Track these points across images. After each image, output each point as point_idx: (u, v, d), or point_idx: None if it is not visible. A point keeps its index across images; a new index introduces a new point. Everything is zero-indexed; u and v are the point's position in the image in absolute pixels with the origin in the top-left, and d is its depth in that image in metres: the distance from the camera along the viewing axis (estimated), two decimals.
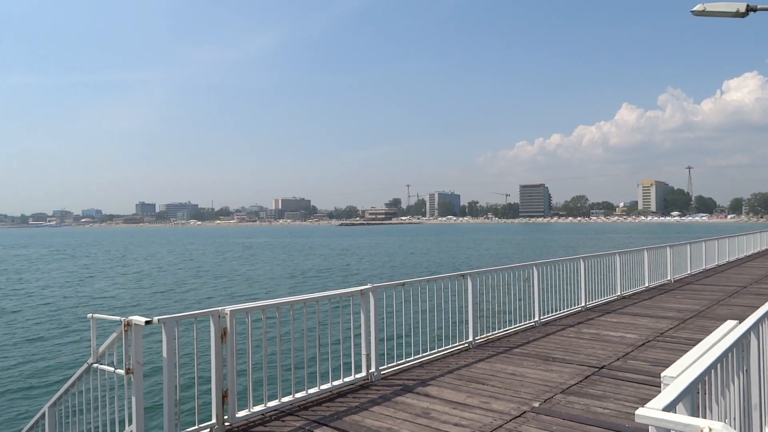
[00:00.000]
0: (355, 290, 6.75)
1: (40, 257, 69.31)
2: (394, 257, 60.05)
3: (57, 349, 18.02)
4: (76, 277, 43.22)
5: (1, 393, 13.48)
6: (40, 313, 25.27)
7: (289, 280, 38.55)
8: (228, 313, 5.27)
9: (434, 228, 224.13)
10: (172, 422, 4.87)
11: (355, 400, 6.03)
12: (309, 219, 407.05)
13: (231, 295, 30.43)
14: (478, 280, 8.76)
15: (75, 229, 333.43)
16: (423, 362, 7.51)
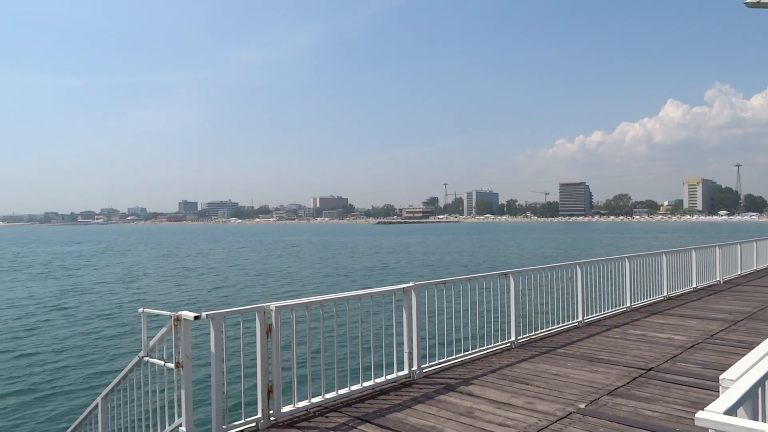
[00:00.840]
0: (397, 288, 6.76)
1: (93, 254, 71.89)
2: (435, 256, 59.90)
3: (110, 343, 18.71)
4: (127, 273, 44.70)
5: (58, 384, 14.07)
6: (94, 308, 26.31)
7: (331, 277, 38.93)
8: (273, 310, 5.35)
9: (472, 227, 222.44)
10: (219, 415, 4.98)
11: (397, 397, 6.04)
12: (346, 217, 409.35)
13: (275, 292, 30.94)
14: (520, 278, 8.66)
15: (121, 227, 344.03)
16: (465, 361, 7.47)
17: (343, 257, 59.31)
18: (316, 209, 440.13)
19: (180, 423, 4.87)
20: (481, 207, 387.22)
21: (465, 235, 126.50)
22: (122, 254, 70.12)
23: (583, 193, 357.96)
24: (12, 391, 13.44)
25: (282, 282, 36.30)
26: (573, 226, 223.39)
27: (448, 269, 43.94)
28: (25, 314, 24.79)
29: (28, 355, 17.16)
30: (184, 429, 4.81)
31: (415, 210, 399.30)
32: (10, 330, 21.15)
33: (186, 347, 4.82)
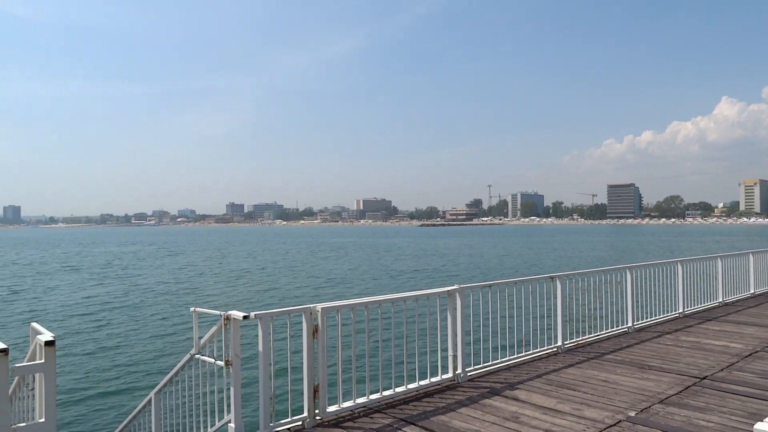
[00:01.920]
0: (442, 291, 6.75)
1: (149, 254, 74.43)
2: (479, 258, 59.36)
3: (165, 340, 19.37)
4: (181, 273, 46.11)
5: (115, 379, 14.63)
6: (150, 306, 27.35)
7: (377, 279, 39.14)
8: (319, 311, 5.43)
9: (517, 229, 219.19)
10: (267, 413, 5.09)
11: (441, 400, 6.03)
12: (390, 219, 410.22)
13: (322, 293, 31.33)
14: (567, 282, 8.51)
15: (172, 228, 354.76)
16: (510, 365, 7.39)
17: (388, 259, 59.47)
18: (359, 211, 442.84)
19: (229, 420, 5.00)
20: (526, 209, 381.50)
21: (510, 237, 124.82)
22: (176, 255, 72.34)
23: (632, 195, 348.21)
24: (74, 385, 14.05)
25: (329, 283, 36.70)
26: (622, 228, 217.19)
27: (492, 272, 43.48)
28: (87, 312, 25.88)
29: (90, 351, 17.89)
30: (233, 426, 4.93)
31: (458, 212, 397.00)
32: (73, 327, 22.13)
33: (235, 346, 4.94)
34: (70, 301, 29.55)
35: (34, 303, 29.33)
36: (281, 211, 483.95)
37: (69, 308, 27.13)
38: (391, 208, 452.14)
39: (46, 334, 3.79)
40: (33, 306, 28.27)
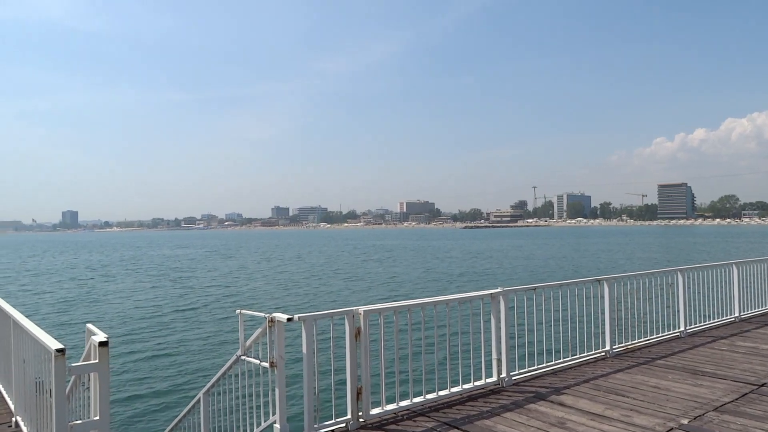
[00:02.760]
0: (485, 293, 6.69)
1: (200, 257, 76.54)
2: (524, 261, 58.50)
3: (213, 340, 19.89)
4: (231, 275, 47.23)
5: (165, 379, 15.07)
6: (201, 307, 28.14)
7: (419, 281, 39.08)
8: (362, 313, 5.46)
9: (563, 230, 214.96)
10: (311, 415, 5.14)
11: (486, 404, 5.97)
12: (433, 222, 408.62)
13: (366, 296, 31.52)
14: (615, 285, 8.29)
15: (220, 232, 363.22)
16: (556, 370, 7.25)
17: (431, 262, 59.27)
18: (402, 214, 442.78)
19: (274, 420, 5.08)
20: (573, 210, 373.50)
21: (556, 239, 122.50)
22: (227, 258, 74.04)
23: (684, 195, 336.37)
24: (127, 384, 14.54)
25: (372, 286, 36.85)
26: (673, 229, 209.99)
27: (537, 274, 42.77)
28: (140, 313, 26.77)
29: (142, 352, 18.49)
30: (278, 426, 5.00)
31: (502, 214, 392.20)
32: (126, 328, 22.91)
33: (279, 348, 5.02)
34: (125, 303, 30.65)
35: (91, 304, 30.52)
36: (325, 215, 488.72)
37: (123, 310, 28.13)
38: (434, 211, 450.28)
39: (100, 335, 3.94)
40: (89, 307, 29.41)
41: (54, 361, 3.74)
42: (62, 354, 3.77)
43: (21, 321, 5.18)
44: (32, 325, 4.86)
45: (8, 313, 5.91)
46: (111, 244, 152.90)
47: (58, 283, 43.77)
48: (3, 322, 6.40)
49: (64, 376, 3.76)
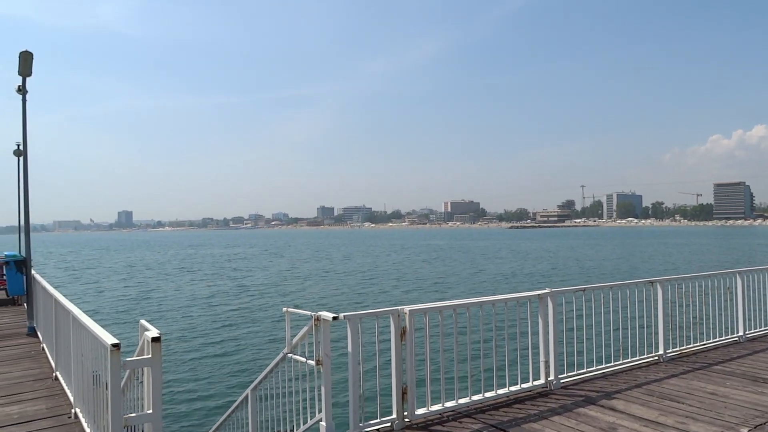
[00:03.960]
0: (532, 294, 6.56)
1: (251, 256, 78.24)
2: (572, 261, 57.25)
3: (261, 338, 20.29)
4: (281, 274, 48.12)
5: (215, 375, 15.45)
6: (250, 305, 28.74)
7: (464, 282, 38.79)
8: (407, 313, 5.44)
9: (613, 231, 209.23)
10: (356, 414, 5.16)
11: (533, 407, 5.86)
12: (478, 222, 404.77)
13: (412, 295, 31.53)
14: (669, 287, 8.00)
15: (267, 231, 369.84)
16: (607, 373, 7.05)
17: (477, 262, 58.72)
18: (447, 213, 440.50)
19: (320, 418, 5.12)
20: (623, 210, 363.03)
21: (605, 240, 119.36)
22: (278, 257, 75.37)
23: (742, 194, 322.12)
24: (179, 379, 14.96)
25: (417, 285, 36.78)
26: (731, 230, 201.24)
27: (587, 275, 41.78)
28: (192, 310, 27.53)
29: (194, 347, 19.00)
30: (324, 424, 5.04)
31: (549, 213, 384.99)
32: (180, 324, 23.60)
33: (325, 346, 5.05)
34: (178, 300, 31.57)
35: (146, 301, 31.56)
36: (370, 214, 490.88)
37: (177, 307, 28.97)
38: (480, 210, 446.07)
39: (153, 330, 4.06)
40: (144, 303, 30.42)
41: (110, 356, 3.88)
42: (117, 349, 3.90)
43: (80, 317, 5.39)
44: (90, 320, 5.05)
45: (68, 309, 6.17)
46: (165, 243, 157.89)
47: (117, 281, 45.45)
48: (63, 318, 6.68)
49: (119, 370, 3.89)
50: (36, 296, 10.79)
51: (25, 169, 11.59)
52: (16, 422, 5.94)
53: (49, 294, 8.27)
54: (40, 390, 7.11)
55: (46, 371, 7.97)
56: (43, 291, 9.36)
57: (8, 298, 15.04)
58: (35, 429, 5.73)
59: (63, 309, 6.66)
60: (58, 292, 7.78)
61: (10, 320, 12.42)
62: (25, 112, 11.34)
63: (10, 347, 9.73)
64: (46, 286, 9.12)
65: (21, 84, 11.07)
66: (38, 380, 7.57)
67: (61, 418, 6.05)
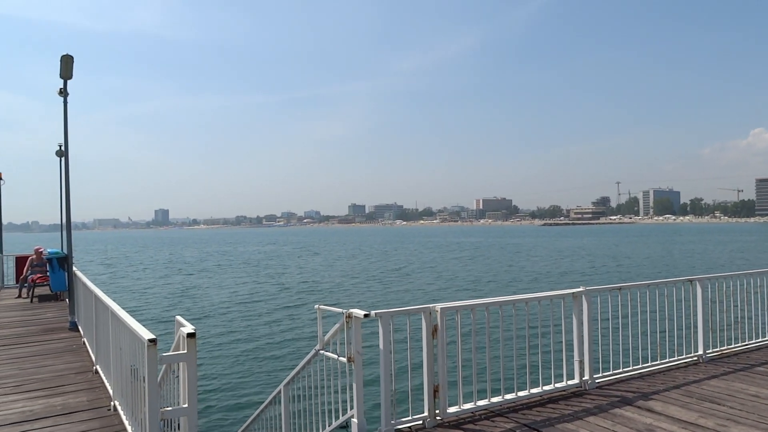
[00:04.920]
0: (566, 293, 6.46)
1: (286, 253, 79.24)
2: (608, 259, 56.20)
3: (294, 334, 20.53)
4: (316, 271, 48.52)
5: (249, 370, 15.68)
6: (284, 302, 29.13)
7: (497, 279, 38.48)
8: (439, 311, 5.42)
9: (650, 228, 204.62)
10: (388, 411, 5.16)
11: (567, 407, 5.77)
12: (510, 219, 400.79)
13: (443, 293, 31.45)
14: (709, 286, 7.78)
15: (299, 229, 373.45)
16: (643, 374, 6.90)
17: (509, 259, 58.17)
18: (478, 211, 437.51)
19: (352, 414, 5.14)
20: (660, 206, 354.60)
21: (642, 237, 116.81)
22: (312, 254, 76.08)
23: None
24: (213, 374, 15.23)
25: (449, 283, 36.65)
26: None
27: (622, 274, 40.96)
28: (227, 306, 28.00)
29: (228, 343, 19.32)
30: (356, 421, 5.06)
31: (583, 210, 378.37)
32: (216, 320, 24.03)
33: (357, 343, 5.07)
34: (214, 296, 32.14)
35: (182, 297, 32.21)
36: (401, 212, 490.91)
37: (212, 303, 29.49)
38: (512, 207, 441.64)
39: (188, 326, 4.14)
40: (181, 299, 31.05)
41: (146, 351, 3.97)
42: (154, 344, 3.99)
43: (118, 312, 5.53)
44: (128, 316, 5.18)
45: (107, 305, 6.33)
46: (201, 240, 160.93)
47: (155, 277, 46.51)
48: (103, 314, 6.86)
49: (156, 364, 3.98)
50: (77, 292, 11.11)
51: (67, 169, 11.92)
52: (59, 413, 6.14)
53: (90, 290, 8.51)
54: (82, 383, 7.33)
55: (87, 365, 8.21)
56: (84, 287, 9.63)
57: (51, 293, 15.53)
58: (77, 420, 5.91)
59: (102, 305, 6.84)
60: (98, 288, 8.00)
61: (53, 315, 12.83)
62: (66, 114, 11.67)
63: (54, 341, 10.05)
64: (86, 282, 9.39)
65: (62, 86, 11.40)
66: (79, 373, 7.80)
67: (100, 410, 6.22)
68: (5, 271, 18.72)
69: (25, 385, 7.25)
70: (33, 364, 8.41)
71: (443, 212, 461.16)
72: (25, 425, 5.79)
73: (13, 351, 9.32)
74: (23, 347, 9.61)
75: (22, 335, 10.62)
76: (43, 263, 15.99)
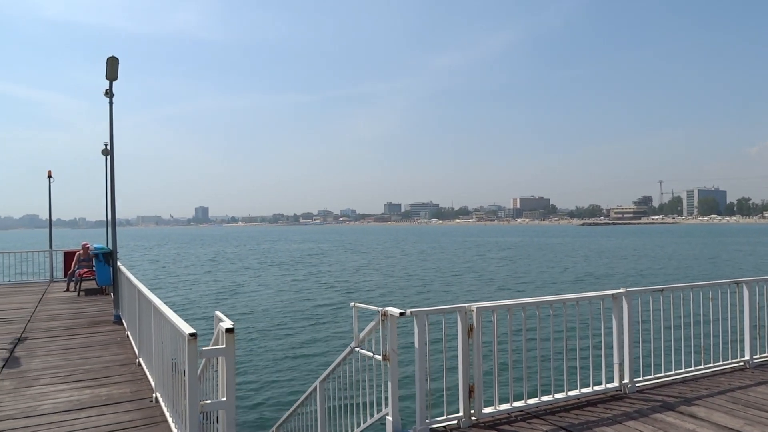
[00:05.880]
0: (606, 294, 6.33)
1: (324, 251, 79.96)
2: (649, 260, 54.79)
3: (330, 330, 20.71)
4: (352, 268, 48.91)
5: (286, 365, 15.89)
6: (321, 299, 29.39)
7: (534, 279, 37.98)
8: (474, 310, 5.39)
9: (694, 228, 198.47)
10: (423, 410, 5.16)
11: (606, 411, 5.66)
12: (548, 218, 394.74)
13: (479, 292, 31.25)
14: (756, 288, 7.51)
15: (335, 227, 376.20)
16: (686, 378, 6.71)
17: (548, 259, 57.32)
18: (515, 210, 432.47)
19: (387, 412, 5.15)
20: (705, 206, 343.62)
21: (685, 238, 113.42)
22: (350, 252, 76.56)
23: None
24: (250, 369, 15.50)
25: (485, 282, 36.36)
26: None
27: (665, 275, 39.87)
28: (267, 302, 28.44)
29: (265, 338, 19.63)
30: (391, 419, 5.07)
31: (624, 210, 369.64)
32: (254, 315, 24.44)
33: (392, 341, 5.08)
34: (253, 292, 32.70)
35: (222, 292, 32.85)
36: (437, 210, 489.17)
37: (252, 299, 30.02)
38: (550, 207, 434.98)
39: (227, 321, 4.22)
40: (220, 295, 31.67)
41: (187, 345, 4.07)
42: (194, 338, 4.09)
43: (160, 307, 5.68)
44: (169, 310, 5.31)
45: (150, 300, 6.51)
46: (240, 237, 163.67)
47: (197, 273, 47.57)
48: (146, 308, 7.06)
49: (196, 358, 4.08)
50: (121, 286, 11.45)
51: (112, 168, 12.29)
52: (104, 403, 6.36)
53: (133, 285, 8.76)
54: (125, 374, 7.56)
55: (130, 357, 8.46)
56: (128, 282, 9.92)
57: (97, 287, 16.06)
58: (121, 411, 6.10)
59: (145, 299, 7.03)
60: (141, 283, 8.23)
61: (98, 308, 13.26)
62: (111, 114, 12.03)
63: (100, 333, 10.40)
64: (130, 277, 9.67)
65: (108, 88, 11.75)
66: (123, 365, 8.05)
67: (143, 401, 6.41)
68: (54, 266, 19.45)
69: (72, 376, 7.53)
70: (80, 355, 8.73)
71: (479, 211, 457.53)
72: (73, 414, 6.01)
73: (61, 342, 9.68)
74: (71, 339, 9.98)
75: (69, 327, 11.02)
76: (89, 258, 16.56)
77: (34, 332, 10.59)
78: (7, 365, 8.17)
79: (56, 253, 19.85)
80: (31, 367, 8.06)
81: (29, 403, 6.40)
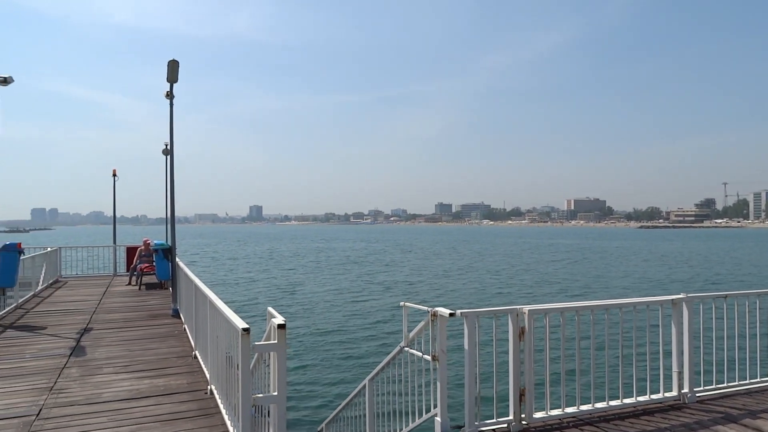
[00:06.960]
0: (665, 299, 6.10)
1: (379, 250, 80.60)
2: (713, 265, 52.43)
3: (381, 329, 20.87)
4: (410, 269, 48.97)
5: (337, 362, 16.08)
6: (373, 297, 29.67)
7: (589, 283, 37.01)
8: (526, 313, 5.30)
9: (763, 233, 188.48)
10: (472, 412, 5.11)
11: (664, 421, 5.45)
12: (604, 220, 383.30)
13: (532, 295, 30.76)
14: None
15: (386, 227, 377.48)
16: (750, 390, 6.39)
17: (604, 262, 55.71)
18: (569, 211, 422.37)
19: (435, 413, 5.14)
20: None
21: (752, 242, 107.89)
22: (406, 252, 76.80)
23: None
24: (301, 365, 15.75)
25: (542, 285, 35.68)
26: None
27: (729, 282, 38.06)
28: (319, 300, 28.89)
29: (316, 336, 19.91)
30: (439, 419, 5.05)
31: (685, 213, 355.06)
32: (307, 312, 24.85)
33: (441, 342, 5.06)
34: (305, 289, 33.24)
35: (275, 289, 33.53)
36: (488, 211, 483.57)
37: (305, 295, 30.50)
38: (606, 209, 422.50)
39: (278, 317, 4.31)
40: (274, 291, 32.33)
41: (240, 339, 4.18)
42: (247, 333, 4.19)
43: (216, 302, 5.85)
44: (224, 305, 5.46)
45: (206, 295, 6.71)
46: (293, 236, 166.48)
47: (253, 271, 48.73)
48: (202, 303, 7.28)
49: (249, 352, 4.18)
50: (179, 281, 11.86)
51: (172, 167, 12.74)
52: (162, 393, 6.61)
53: (190, 280, 9.05)
54: (182, 366, 7.83)
55: (187, 350, 8.75)
56: (186, 277, 10.27)
57: (157, 282, 16.69)
58: (177, 401, 6.32)
59: (201, 294, 7.26)
60: (198, 278, 8.49)
61: (157, 302, 13.78)
62: (172, 115, 12.48)
63: (159, 326, 10.80)
64: (187, 272, 10.00)
65: (169, 90, 12.19)
66: (180, 357, 8.33)
67: (198, 393, 6.62)
68: (117, 260, 20.35)
69: (132, 366, 7.86)
70: (139, 346, 9.09)
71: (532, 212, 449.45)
72: (132, 402, 6.28)
73: (122, 334, 10.12)
74: (131, 331, 10.41)
75: (130, 320, 11.51)
76: (150, 254, 17.23)
77: (99, 323, 11.11)
78: (74, 353, 8.61)
79: (119, 248, 20.76)
80: (95, 356, 8.46)
81: (92, 391, 6.72)
